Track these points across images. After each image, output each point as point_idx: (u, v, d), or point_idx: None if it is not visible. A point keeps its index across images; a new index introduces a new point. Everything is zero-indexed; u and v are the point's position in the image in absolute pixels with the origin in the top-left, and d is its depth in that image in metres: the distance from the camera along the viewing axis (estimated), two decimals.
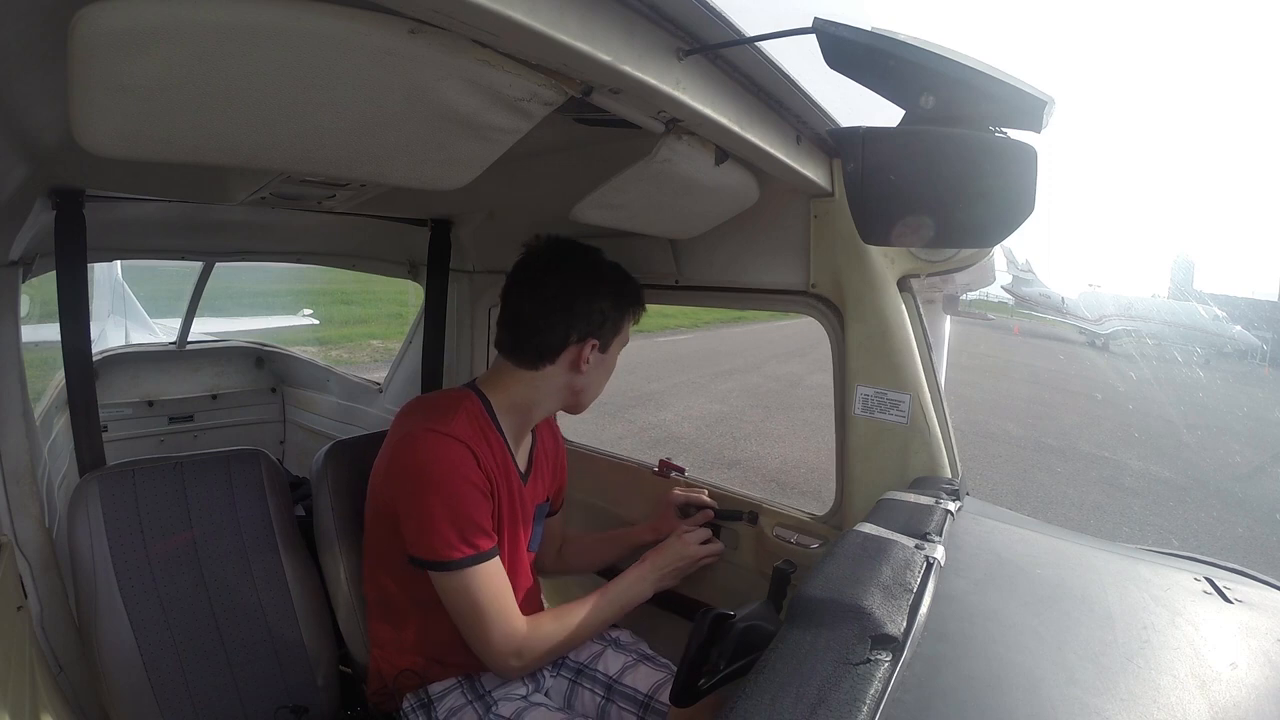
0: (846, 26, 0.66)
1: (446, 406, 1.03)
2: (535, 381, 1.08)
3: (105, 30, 0.44)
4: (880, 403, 1.08)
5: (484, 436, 1.04)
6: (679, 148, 0.78)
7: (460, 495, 0.96)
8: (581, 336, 1.05)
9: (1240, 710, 0.59)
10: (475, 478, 0.98)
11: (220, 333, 3.79)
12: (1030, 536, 0.94)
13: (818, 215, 1.08)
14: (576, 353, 1.05)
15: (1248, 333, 22.62)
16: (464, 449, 0.98)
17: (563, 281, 1.05)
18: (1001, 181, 0.76)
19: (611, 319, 1.07)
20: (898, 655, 0.58)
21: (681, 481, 1.44)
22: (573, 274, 1.05)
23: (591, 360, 1.06)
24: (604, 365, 1.11)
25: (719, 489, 1.40)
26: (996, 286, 25.85)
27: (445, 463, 0.96)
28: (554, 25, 0.48)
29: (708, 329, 12.60)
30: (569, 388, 1.09)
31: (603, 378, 1.13)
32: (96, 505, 1.09)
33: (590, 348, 1.05)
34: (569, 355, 1.05)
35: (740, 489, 1.42)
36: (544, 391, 1.09)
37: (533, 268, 1.07)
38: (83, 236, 1.14)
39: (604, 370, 1.12)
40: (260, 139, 0.59)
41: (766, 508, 1.33)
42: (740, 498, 1.37)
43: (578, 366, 1.06)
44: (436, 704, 1.06)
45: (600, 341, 1.07)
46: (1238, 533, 4.96)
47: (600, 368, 1.10)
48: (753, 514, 1.30)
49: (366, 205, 1.19)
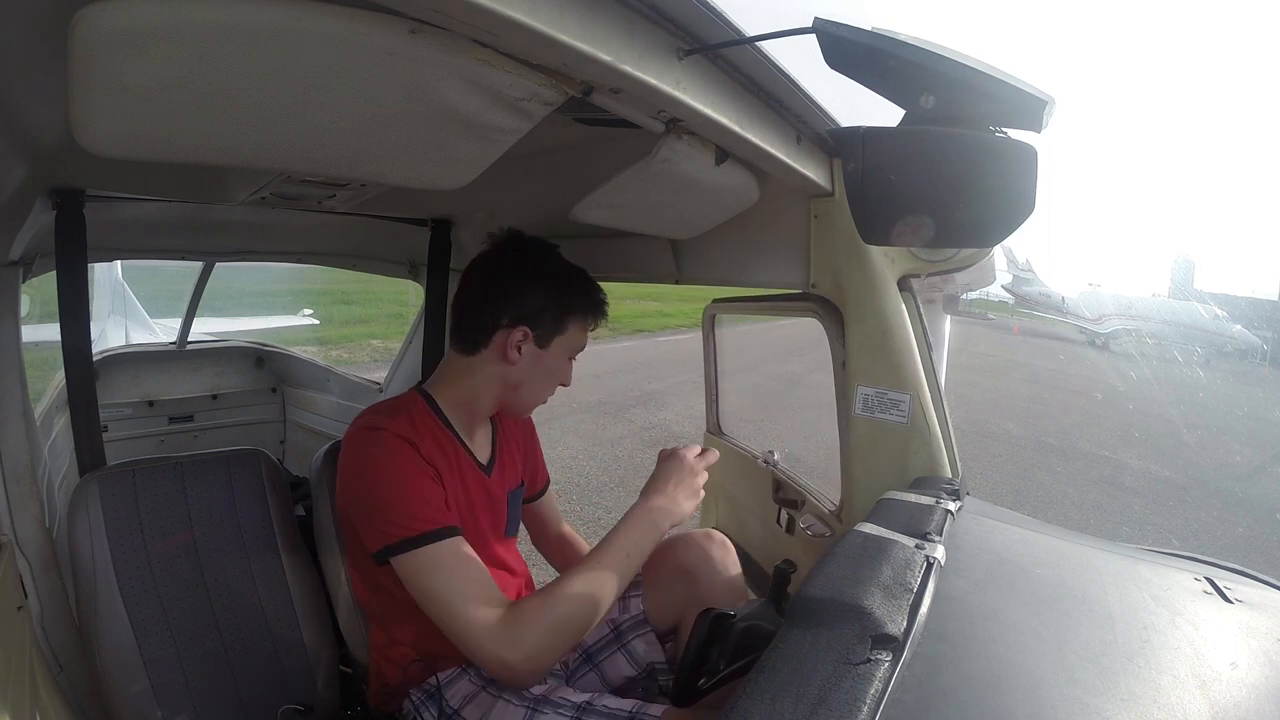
0: (846, 26, 0.66)
1: (388, 408, 1.04)
2: (472, 369, 1.07)
3: (105, 30, 0.44)
4: (880, 403, 1.08)
5: (429, 432, 1.04)
6: (679, 148, 0.78)
7: (404, 478, 0.94)
8: (512, 322, 1.03)
9: (1240, 710, 0.59)
10: (416, 463, 0.97)
11: (220, 333, 3.80)
12: (1030, 536, 0.94)
13: (818, 215, 1.08)
14: (505, 338, 1.03)
15: (1248, 332, 22.63)
16: (399, 440, 0.97)
17: (500, 266, 1.06)
18: (1001, 181, 0.76)
19: (550, 312, 1.04)
20: (898, 655, 0.58)
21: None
22: (512, 261, 1.06)
23: (525, 353, 1.04)
24: (543, 364, 1.07)
25: (793, 479, 1.44)
26: (996, 286, 25.85)
27: (384, 454, 0.95)
28: (554, 25, 0.48)
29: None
30: (503, 380, 1.07)
31: (542, 377, 1.09)
32: (96, 505, 1.09)
33: (520, 335, 1.03)
34: (499, 341, 1.04)
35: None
36: (480, 380, 1.08)
37: (481, 257, 1.08)
38: (83, 236, 1.14)
39: (542, 370, 1.08)
40: (260, 139, 0.59)
41: (810, 498, 1.36)
42: (797, 486, 1.41)
43: (507, 355, 1.04)
44: (445, 691, 1.04)
45: (534, 332, 1.04)
46: (1238, 533, 4.96)
47: (537, 365, 1.07)
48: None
49: (366, 205, 1.19)
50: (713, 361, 1.87)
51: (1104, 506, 5.18)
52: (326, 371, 2.64)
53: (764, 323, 13.46)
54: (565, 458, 4.92)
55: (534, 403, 1.14)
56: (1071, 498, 5.30)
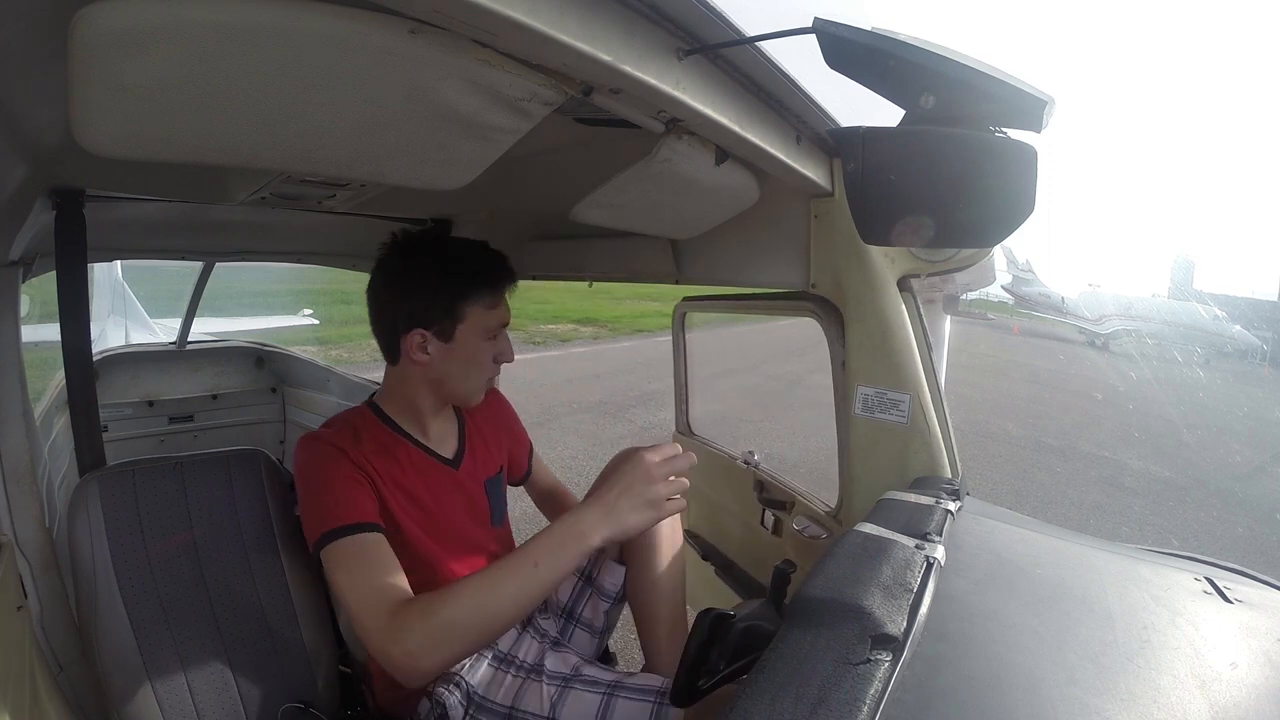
0: (846, 26, 0.66)
1: (335, 421, 1.08)
2: (400, 375, 1.09)
3: (105, 30, 0.44)
4: (880, 403, 1.08)
5: (373, 440, 1.06)
6: (679, 148, 0.78)
7: (325, 480, 0.97)
8: (406, 329, 1.03)
9: (1240, 710, 0.59)
10: (342, 468, 0.98)
11: (220, 333, 3.80)
12: (1030, 536, 0.94)
13: (818, 215, 1.08)
14: (408, 345, 1.04)
15: (1248, 332, 22.63)
16: (330, 447, 0.99)
17: (382, 277, 1.06)
18: (1001, 181, 0.76)
19: (439, 306, 1.03)
20: (898, 655, 0.58)
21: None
22: (390, 267, 1.06)
23: (431, 351, 1.04)
24: (455, 356, 1.06)
25: (779, 480, 1.45)
26: (996, 286, 25.85)
27: (313, 459, 0.99)
28: (554, 25, 0.48)
29: (707, 329, 12.60)
30: (426, 380, 1.08)
31: (463, 367, 1.07)
32: (96, 505, 1.09)
33: (419, 339, 1.03)
34: (405, 348, 1.05)
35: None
36: (409, 384, 1.09)
37: (376, 263, 1.08)
38: (83, 236, 1.14)
39: (459, 361, 1.06)
40: (260, 139, 0.59)
41: (800, 499, 1.35)
42: (785, 487, 1.41)
43: (415, 359, 1.04)
44: (469, 678, 1.05)
45: (429, 330, 1.03)
46: (1238, 533, 4.95)
47: (450, 359, 1.06)
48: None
49: (367, 205, 1.19)
50: (683, 361, 1.87)
51: (1104, 507, 5.18)
52: (326, 371, 2.64)
53: (764, 323, 13.47)
54: (565, 458, 4.92)
55: (471, 390, 1.11)
56: (1071, 498, 5.30)
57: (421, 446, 1.11)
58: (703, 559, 1.68)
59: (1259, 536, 4.89)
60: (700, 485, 1.76)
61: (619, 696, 1.00)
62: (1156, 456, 7.08)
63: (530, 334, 11.61)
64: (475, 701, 1.03)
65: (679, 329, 1.83)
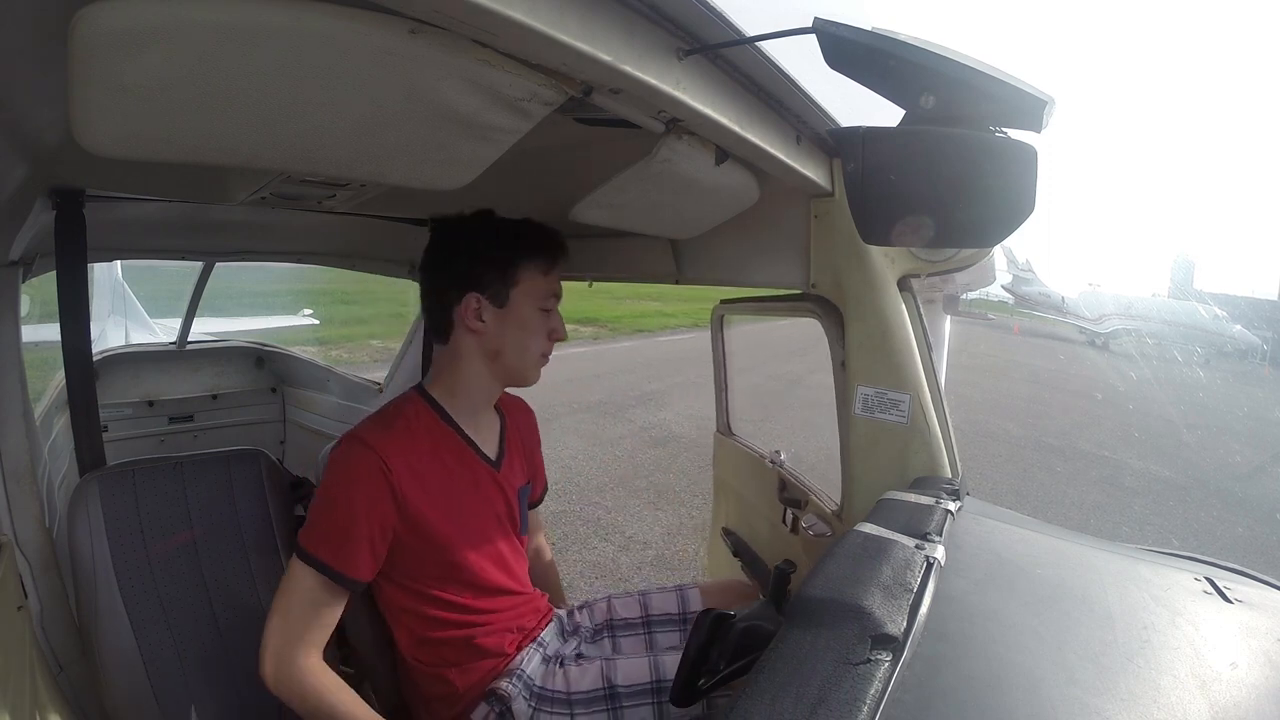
0: (846, 26, 0.66)
1: (384, 420, 1.04)
2: (454, 354, 1.08)
3: (105, 30, 0.44)
4: (880, 403, 1.08)
5: (426, 436, 1.04)
6: (679, 148, 0.78)
7: (351, 510, 0.95)
8: (461, 294, 1.03)
9: (1240, 710, 0.59)
10: (373, 495, 0.96)
11: (220, 333, 3.80)
12: (1030, 536, 0.94)
13: (818, 215, 1.08)
14: (462, 313, 1.04)
15: (1248, 332, 22.61)
16: (373, 465, 0.96)
17: (436, 252, 1.08)
18: (1001, 181, 0.76)
19: (494, 269, 1.04)
20: (898, 655, 0.58)
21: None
22: (438, 243, 1.08)
23: (487, 318, 1.04)
24: (511, 321, 1.05)
25: (797, 479, 1.46)
26: (996, 286, 25.83)
27: (349, 474, 0.96)
28: (554, 25, 0.48)
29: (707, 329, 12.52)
30: (482, 353, 1.07)
31: (518, 335, 1.06)
32: (96, 505, 1.09)
33: (474, 303, 1.03)
34: (459, 318, 1.04)
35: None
36: (464, 362, 1.08)
37: (425, 251, 1.10)
38: (83, 236, 1.14)
39: (514, 327, 1.05)
40: (260, 139, 0.59)
41: (812, 498, 1.36)
42: (801, 486, 1.43)
43: (471, 327, 1.04)
44: (526, 669, 1.07)
45: (484, 294, 1.03)
46: (1238, 533, 4.95)
47: (506, 324, 1.05)
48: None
49: (367, 205, 1.19)
50: (722, 362, 1.87)
51: (1104, 506, 5.18)
52: (326, 371, 2.64)
53: (764, 323, 13.47)
54: (565, 458, 4.92)
55: (527, 364, 1.10)
56: (1071, 498, 5.30)
57: (469, 441, 1.10)
58: (734, 556, 1.70)
59: (1259, 536, 4.89)
60: (736, 485, 1.78)
61: (661, 654, 1.08)
62: (1156, 456, 7.08)
63: None
64: (536, 693, 1.05)
65: (718, 331, 1.82)
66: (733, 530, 1.76)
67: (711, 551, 1.95)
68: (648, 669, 1.05)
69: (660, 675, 1.04)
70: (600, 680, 1.05)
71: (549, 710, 1.03)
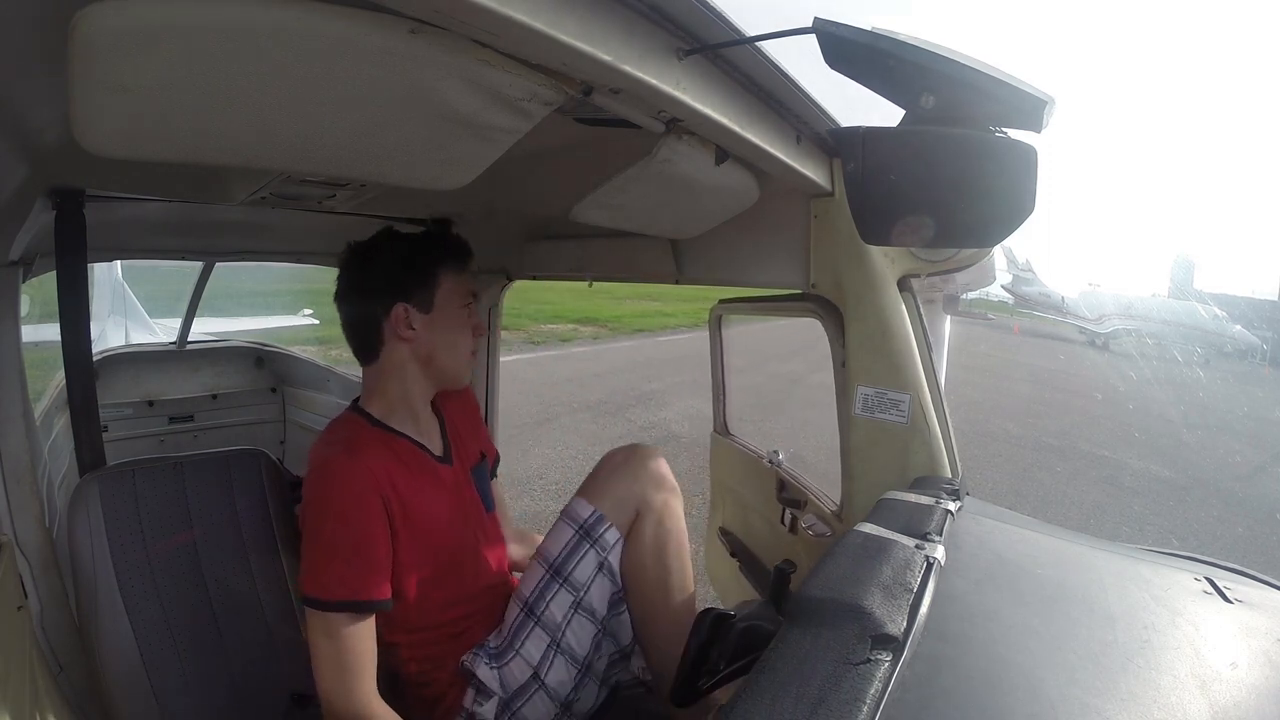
0: (846, 26, 0.66)
1: (341, 436, 1.04)
2: (386, 369, 1.08)
3: (105, 30, 0.44)
4: (880, 403, 1.08)
5: (384, 448, 1.04)
6: (679, 148, 0.78)
7: (354, 536, 0.95)
8: (388, 307, 1.04)
9: (1240, 710, 0.59)
10: (366, 509, 0.96)
11: (220, 333, 3.80)
12: (1030, 536, 0.94)
13: (818, 215, 1.08)
14: (392, 326, 1.05)
15: (1248, 332, 22.58)
16: (364, 480, 0.97)
17: (348, 279, 1.10)
18: (1001, 181, 0.76)
19: (413, 276, 1.05)
20: (898, 655, 0.58)
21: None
22: (353, 267, 1.09)
23: (416, 325, 1.05)
24: (438, 324, 1.07)
25: (796, 479, 1.46)
26: (996, 286, 25.80)
27: (340, 493, 0.96)
28: (554, 25, 0.48)
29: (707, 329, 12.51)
30: (415, 359, 1.07)
31: (448, 337, 1.08)
32: (96, 505, 1.09)
33: (401, 313, 1.04)
34: (390, 330, 1.05)
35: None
36: (399, 373, 1.08)
37: (338, 285, 1.11)
38: (83, 236, 1.14)
39: (442, 328, 1.07)
40: (260, 139, 0.59)
41: (811, 498, 1.36)
42: (800, 486, 1.43)
43: (403, 336, 1.05)
44: (537, 665, 1.08)
45: (410, 302, 1.04)
46: (1238, 533, 4.95)
47: (435, 328, 1.07)
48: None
49: (367, 205, 1.19)
50: (720, 362, 1.87)
51: (1104, 506, 5.18)
52: (326, 371, 2.64)
53: (764, 323, 13.48)
54: (565, 457, 4.92)
55: (459, 364, 1.12)
56: (1071, 498, 5.29)
57: (418, 444, 1.10)
58: (731, 556, 1.70)
59: (1259, 536, 4.88)
60: (733, 484, 1.77)
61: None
62: (1156, 456, 7.07)
63: (530, 334, 11.59)
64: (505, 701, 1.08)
65: (716, 331, 1.82)
66: (730, 530, 1.76)
67: (709, 552, 1.95)
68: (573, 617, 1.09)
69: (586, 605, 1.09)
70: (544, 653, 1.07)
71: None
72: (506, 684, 1.07)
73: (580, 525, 1.13)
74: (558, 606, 1.09)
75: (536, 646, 1.08)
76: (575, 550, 1.11)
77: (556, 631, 1.08)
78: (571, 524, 1.13)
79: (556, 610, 1.09)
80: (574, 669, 1.09)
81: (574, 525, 1.13)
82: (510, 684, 1.07)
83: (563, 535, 1.13)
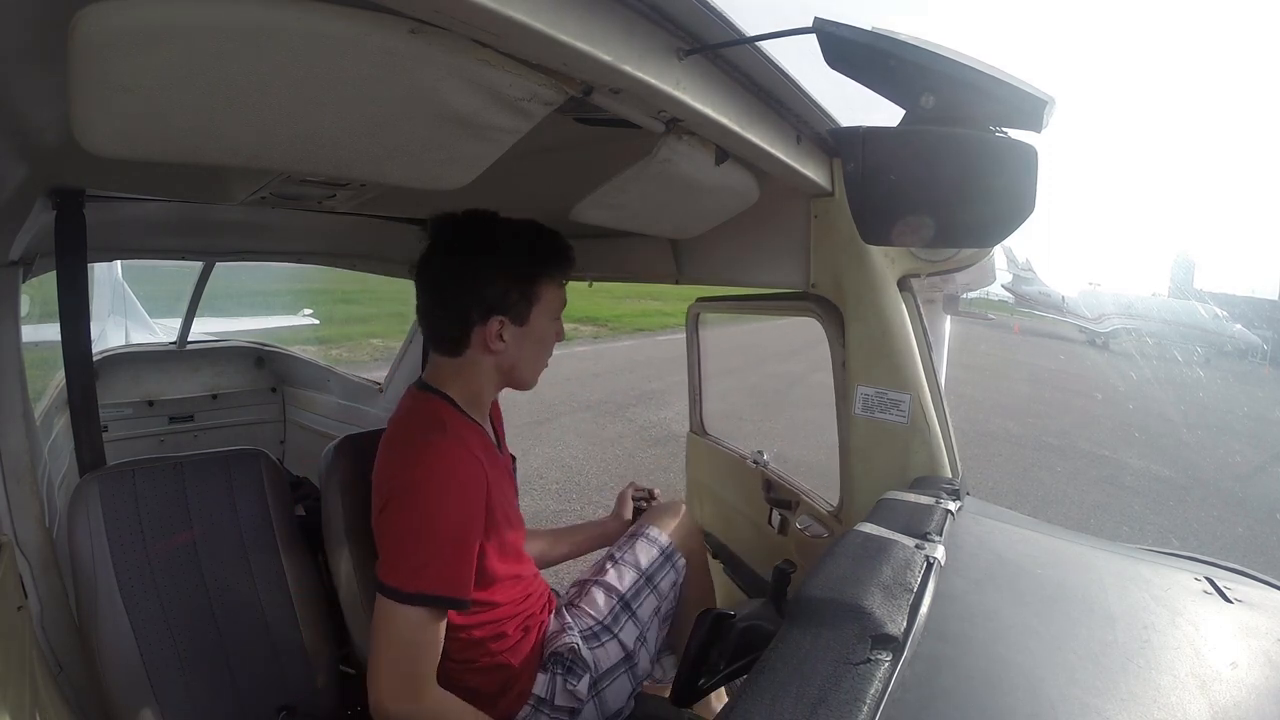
0: (846, 26, 0.66)
1: (434, 416, 1.01)
2: (465, 367, 1.06)
3: (105, 30, 0.44)
4: (880, 403, 1.08)
5: (471, 435, 1.03)
6: (679, 148, 0.78)
7: (449, 517, 0.93)
8: (483, 317, 1.01)
9: (1240, 710, 0.59)
10: (474, 497, 0.96)
11: (220, 333, 3.80)
12: (1030, 536, 0.94)
13: (818, 215, 1.08)
14: (483, 334, 1.02)
15: (1248, 331, 22.57)
16: (473, 466, 0.96)
17: (450, 266, 1.02)
18: (1002, 181, 0.76)
19: (516, 289, 1.02)
20: (898, 655, 0.58)
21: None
22: (460, 256, 1.02)
23: (507, 338, 1.03)
24: (529, 337, 1.06)
25: (785, 480, 1.46)
26: (997, 285, 25.78)
27: (445, 477, 0.94)
28: (554, 25, 0.48)
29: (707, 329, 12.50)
30: (497, 369, 1.07)
31: (533, 349, 1.08)
32: (96, 505, 1.09)
33: (496, 326, 1.02)
34: (477, 339, 1.03)
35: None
36: (477, 375, 1.07)
37: (424, 260, 1.04)
38: (83, 236, 1.14)
39: (531, 341, 1.07)
40: (260, 139, 0.59)
41: (804, 499, 1.36)
42: (790, 486, 1.43)
43: (489, 348, 1.03)
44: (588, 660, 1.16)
45: (508, 317, 1.02)
46: (1238, 533, 4.95)
47: (525, 342, 1.06)
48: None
49: (367, 205, 1.19)
50: (696, 361, 1.87)
51: (1104, 506, 5.18)
52: (326, 371, 2.64)
53: (764, 323, 13.47)
54: (565, 457, 4.92)
55: (536, 375, 1.12)
56: (1072, 497, 5.30)
57: (489, 436, 1.12)
58: (713, 557, 1.69)
59: (1259, 536, 4.89)
60: (711, 484, 1.77)
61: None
62: (1156, 456, 7.07)
63: None
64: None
65: (693, 330, 1.82)
66: (709, 532, 1.75)
67: None
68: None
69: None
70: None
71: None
72: (599, 663, 1.17)
73: (663, 550, 1.33)
74: (646, 608, 1.27)
75: (629, 635, 1.22)
76: (661, 567, 1.31)
77: (643, 626, 1.25)
78: (655, 546, 1.33)
79: (644, 610, 1.27)
80: (649, 659, 1.25)
81: (658, 548, 1.32)
82: (603, 663, 1.18)
83: (650, 552, 1.32)
